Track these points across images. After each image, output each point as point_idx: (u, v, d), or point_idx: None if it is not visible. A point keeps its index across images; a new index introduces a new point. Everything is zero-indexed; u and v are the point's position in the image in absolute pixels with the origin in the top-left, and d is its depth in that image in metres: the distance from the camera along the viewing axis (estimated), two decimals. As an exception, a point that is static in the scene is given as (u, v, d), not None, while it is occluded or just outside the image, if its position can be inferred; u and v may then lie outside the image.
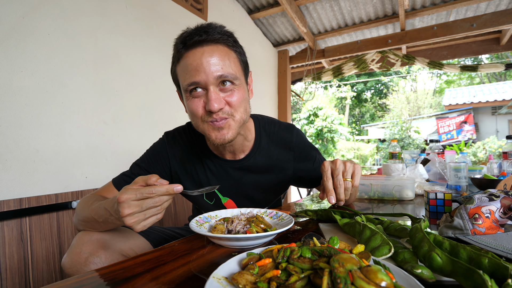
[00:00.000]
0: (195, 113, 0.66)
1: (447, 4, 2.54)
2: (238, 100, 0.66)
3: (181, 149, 0.81)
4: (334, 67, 3.29)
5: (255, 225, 0.58)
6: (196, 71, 0.62)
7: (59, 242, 1.24)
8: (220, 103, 0.63)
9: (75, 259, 0.62)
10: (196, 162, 0.81)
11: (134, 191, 0.49)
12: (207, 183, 0.81)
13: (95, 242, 0.64)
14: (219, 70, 0.62)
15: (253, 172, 0.82)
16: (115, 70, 1.59)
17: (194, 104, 0.65)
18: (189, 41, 0.64)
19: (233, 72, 0.65)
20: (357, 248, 0.39)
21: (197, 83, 0.63)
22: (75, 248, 0.64)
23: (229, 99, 0.65)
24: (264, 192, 0.85)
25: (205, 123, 0.66)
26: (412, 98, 12.64)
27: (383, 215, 0.69)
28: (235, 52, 0.68)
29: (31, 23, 1.24)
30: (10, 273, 1.08)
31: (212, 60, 0.62)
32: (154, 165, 0.80)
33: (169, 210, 1.74)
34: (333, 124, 11.45)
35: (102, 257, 0.62)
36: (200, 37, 0.63)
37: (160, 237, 0.81)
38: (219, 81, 0.64)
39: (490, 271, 0.34)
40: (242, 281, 0.33)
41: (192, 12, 2.13)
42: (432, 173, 1.47)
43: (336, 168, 0.61)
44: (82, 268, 0.61)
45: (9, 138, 1.16)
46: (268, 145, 0.83)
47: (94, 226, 0.65)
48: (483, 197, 0.55)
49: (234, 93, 0.66)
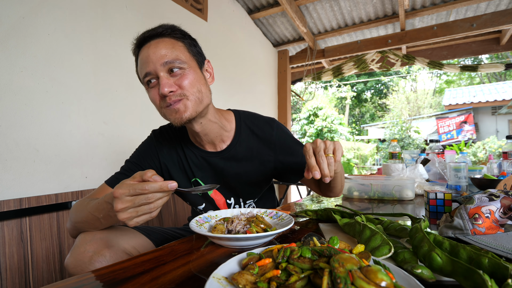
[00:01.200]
0: (154, 101, 0.72)
1: (447, 4, 2.54)
2: (189, 82, 0.70)
3: (167, 142, 0.86)
4: (334, 67, 3.29)
5: (255, 225, 0.58)
6: (146, 63, 0.69)
7: (59, 242, 1.24)
8: (171, 87, 0.68)
9: (79, 258, 0.61)
10: (181, 153, 0.85)
11: (128, 186, 0.49)
12: (192, 174, 0.85)
13: (99, 240, 0.64)
14: (164, 57, 0.68)
15: (234, 164, 0.84)
16: (115, 70, 1.59)
17: (151, 93, 0.71)
18: (139, 40, 0.73)
19: (179, 58, 0.70)
20: (357, 248, 0.39)
21: (149, 73, 0.69)
22: (78, 248, 0.63)
23: (180, 82, 0.69)
24: (246, 184, 0.87)
25: (164, 109, 0.71)
26: (412, 98, 12.63)
27: (383, 215, 0.69)
28: (183, 42, 0.73)
29: (31, 23, 1.24)
30: (10, 273, 1.08)
31: (157, 50, 0.68)
32: (145, 159, 0.84)
33: (169, 210, 1.74)
34: (333, 124, 11.45)
35: (106, 255, 0.62)
36: (146, 33, 0.72)
37: (162, 236, 0.82)
38: (167, 68, 0.69)
39: (490, 271, 0.34)
40: (242, 281, 0.33)
41: (192, 12, 2.13)
42: (432, 173, 1.47)
43: (317, 146, 0.63)
44: (86, 267, 0.60)
45: (9, 138, 1.16)
46: (248, 137, 0.86)
47: (94, 225, 0.65)
48: (483, 197, 0.55)
49: (184, 76, 0.70)
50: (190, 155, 0.85)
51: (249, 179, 0.86)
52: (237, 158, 0.84)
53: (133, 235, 0.72)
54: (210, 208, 0.90)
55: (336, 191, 0.89)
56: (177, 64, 0.69)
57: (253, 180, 0.87)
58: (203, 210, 0.91)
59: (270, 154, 0.87)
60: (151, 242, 0.76)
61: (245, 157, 0.85)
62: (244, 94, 2.85)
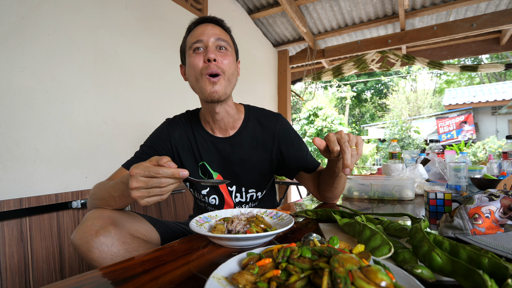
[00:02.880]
0: (195, 66, 0.80)
1: (447, 4, 2.54)
2: (229, 62, 0.82)
3: (179, 128, 0.93)
4: (334, 67, 3.29)
5: (255, 225, 0.58)
6: (201, 34, 0.81)
7: (59, 242, 1.24)
8: (217, 56, 0.79)
9: (85, 231, 0.64)
10: (191, 138, 0.92)
11: (144, 167, 0.53)
12: (200, 158, 0.91)
13: (106, 218, 0.67)
14: (218, 35, 0.82)
15: (240, 150, 0.91)
16: (115, 70, 1.59)
17: (195, 58, 0.80)
18: (199, 19, 0.86)
19: (228, 41, 0.84)
20: (357, 248, 0.39)
21: (200, 41, 0.80)
22: (86, 222, 0.66)
23: (222, 58, 0.81)
24: (249, 171, 0.93)
25: (203, 76, 0.79)
26: (412, 98, 12.63)
27: (383, 215, 0.69)
28: (230, 35, 0.88)
29: (31, 23, 1.24)
30: (10, 273, 1.08)
31: (214, 29, 0.82)
32: (159, 142, 0.90)
33: (169, 209, 1.75)
34: (333, 124, 11.44)
35: (111, 232, 0.65)
36: (205, 17, 0.86)
37: (166, 227, 0.84)
38: (217, 44, 0.81)
39: (490, 271, 0.34)
40: (242, 281, 0.33)
41: (192, 12, 2.13)
42: (432, 173, 1.47)
43: (342, 137, 0.65)
44: (91, 239, 0.62)
45: (9, 138, 1.16)
46: (255, 127, 0.94)
47: (109, 203, 0.71)
48: (483, 197, 0.55)
49: (227, 56, 0.82)
50: (200, 140, 0.91)
51: (252, 166, 0.92)
52: (243, 144, 0.91)
53: (138, 220, 0.76)
54: (213, 193, 0.93)
55: (337, 192, 0.89)
56: (225, 44, 0.82)
57: (255, 168, 0.93)
58: (206, 195, 0.94)
59: (274, 144, 0.93)
60: (155, 229, 0.79)
61: (251, 144, 0.92)
62: (244, 94, 2.85)
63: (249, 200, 0.95)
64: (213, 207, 0.95)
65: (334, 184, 0.84)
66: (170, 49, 1.93)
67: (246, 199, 0.95)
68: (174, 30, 1.96)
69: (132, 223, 0.73)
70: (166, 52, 1.90)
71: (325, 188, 0.89)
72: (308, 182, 0.96)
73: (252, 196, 0.95)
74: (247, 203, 0.96)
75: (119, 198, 0.68)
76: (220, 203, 0.94)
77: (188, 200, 1.91)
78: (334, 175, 0.81)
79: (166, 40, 1.90)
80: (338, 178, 0.82)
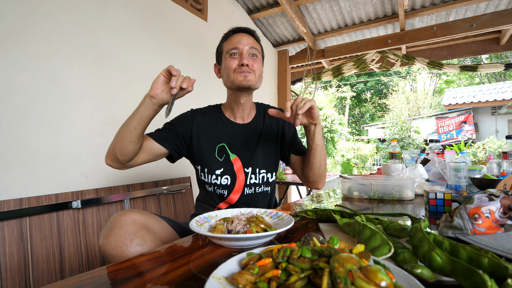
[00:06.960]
0: (231, 66, 0.97)
1: (447, 4, 2.54)
2: (258, 66, 1.00)
3: (203, 114, 1.07)
4: (334, 67, 3.29)
5: (255, 225, 0.58)
6: (238, 42, 0.98)
7: (59, 242, 1.24)
8: (249, 61, 0.97)
9: (119, 240, 0.64)
10: (214, 125, 1.05)
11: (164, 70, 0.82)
12: (220, 140, 1.03)
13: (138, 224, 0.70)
14: (251, 44, 0.99)
15: (255, 133, 1.07)
16: (115, 70, 1.59)
17: (231, 61, 0.97)
18: (236, 28, 1.03)
19: (258, 50, 1.02)
20: (357, 248, 0.39)
21: (237, 48, 0.97)
22: (116, 229, 0.66)
23: (253, 63, 0.98)
24: (263, 153, 1.06)
25: (236, 72, 0.96)
26: (412, 98, 12.62)
27: (383, 215, 0.69)
28: (260, 45, 1.06)
29: (31, 23, 1.24)
30: (10, 273, 1.08)
31: (249, 40, 1.00)
32: (180, 123, 1.03)
33: (169, 208, 1.75)
34: (333, 124, 11.45)
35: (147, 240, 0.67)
36: (242, 27, 1.03)
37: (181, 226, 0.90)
38: (250, 52, 0.98)
39: (490, 271, 0.34)
40: (242, 281, 0.33)
41: (192, 12, 2.13)
42: (432, 173, 1.47)
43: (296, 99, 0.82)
44: (127, 250, 0.63)
45: (9, 138, 1.16)
46: (265, 115, 1.13)
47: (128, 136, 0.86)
48: (483, 197, 0.55)
49: (257, 61, 1.00)
50: (221, 125, 1.05)
51: (264, 148, 1.07)
52: (258, 130, 1.08)
53: (163, 224, 0.81)
54: (227, 173, 1.00)
55: (315, 169, 0.99)
56: (256, 52, 1.00)
57: (267, 149, 1.07)
58: (220, 175, 0.99)
59: (279, 129, 1.11)
60: (175, 232, 0.84)
61: (263, 128, 1.09)
62: (244, 94, 2.85)
63: (261, 182, 1.04)
64: (223, 188, 1.00)
65: (311, 159, 0.96)
66: (170, 49, 1.92)
67: (259, 180, 1.04)
68: (174, 30, 1.96)
69: (160, 228, 0.77)
70: (166, 52, 1.90)
71: (305, 165, 1.01)
72: (296, 166, 1.10)
73: (263, 177, 1.05)
74: (259, 185, 1.04)
75: (137, 114, 0.88)
76: (232, 183, 1.00)
77: (188, 200, 1.91)
78: (309, 149, 0.95)
79: (166, 40, 1.90)
80: (313, 151, 0.94)
